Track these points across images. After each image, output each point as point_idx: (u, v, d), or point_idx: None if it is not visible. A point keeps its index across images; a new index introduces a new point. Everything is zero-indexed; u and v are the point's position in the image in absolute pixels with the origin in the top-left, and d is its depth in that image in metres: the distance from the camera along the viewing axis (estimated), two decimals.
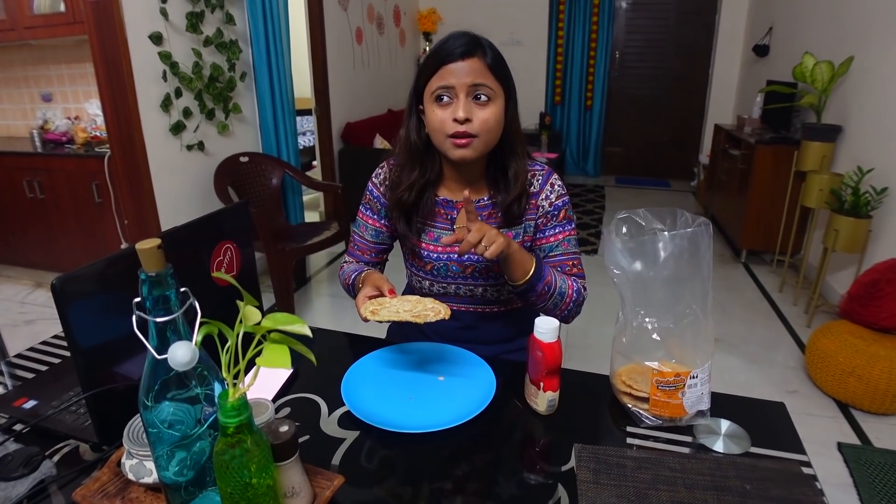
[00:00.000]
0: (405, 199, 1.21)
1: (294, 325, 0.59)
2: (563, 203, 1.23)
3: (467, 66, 1.07)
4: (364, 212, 1.32)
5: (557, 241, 1.23)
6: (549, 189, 1.23)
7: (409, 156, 1.21)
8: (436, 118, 1.10)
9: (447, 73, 1.07)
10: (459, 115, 1.06)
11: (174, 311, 0.61)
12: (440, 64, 1.08)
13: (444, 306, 1.00)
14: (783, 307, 3.30)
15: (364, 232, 1.33)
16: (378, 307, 0.99)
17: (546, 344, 0.89)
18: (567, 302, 1.17)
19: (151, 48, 2.76)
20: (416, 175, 1.20)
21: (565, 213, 1.24)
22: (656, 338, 0.88)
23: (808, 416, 2.33)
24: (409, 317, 0.94)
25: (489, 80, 1.08)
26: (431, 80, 1.10)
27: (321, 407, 0.98)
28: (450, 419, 0.91)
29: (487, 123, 1.09)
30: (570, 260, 1.23)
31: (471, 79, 1.07)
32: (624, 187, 6.32)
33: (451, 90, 1.08)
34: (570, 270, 1.23)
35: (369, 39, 5.16)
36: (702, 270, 0.84)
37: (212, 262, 1.05)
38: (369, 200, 1.31)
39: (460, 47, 1.07)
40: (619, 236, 0.93)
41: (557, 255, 1.23)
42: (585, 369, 1.08)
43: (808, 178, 3.17)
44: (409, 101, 1.19)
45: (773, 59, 4.71)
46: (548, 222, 1.23)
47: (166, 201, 2.97)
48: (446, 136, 1.10)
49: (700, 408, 0.90)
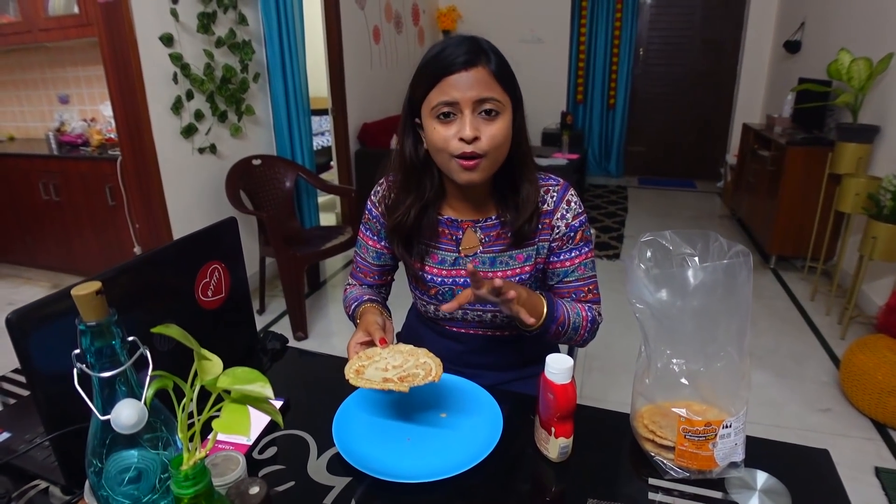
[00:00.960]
0: (404, 222, 1.11)
1: (254, 384, 0.50)
2: (580, 223, 1.13)
3: (471, 76, 0.95)
4: (364, 232, 1.23)
5: (574, 265, 1.13)
6: (564, 207, 1.12)
7: (406, 175, 1.10)
8: (438, 137, 0.99)
9: (448, 87, 0.96)
10: (466, 133, 0.95)
11: (122, 362, 0.53)
12: (440, 75, 0.96)
13: (437, 362, 0.91)
14: (815, 317, 3.14)
15: (365, 254, 1.24)
16: (365, 363, 0.91)
17: (559, 386, 0.79)
18: (582, 333, 1.10)
19: (162, 50, 2.71)
20: (413, 197, 1.10)
21: (582, 235, 1.14)
22: (684, 382, 0.77)
23: (841, 437, 2.20)
24: (394, 382, 0.85)
25: (496, 92, 0.97)
26: (430, 93, 0.98)
27: (310, 447, 0.90)
28: (450, 466, 0.82)
29: (496, 140, 0.98)
30: (585, 285, 1.14)
31: (476, 92, 0.95)
32: (647, 188, 6.16)
33: (455, 105, 0.96)
34: (586, 297, 1.14)
35: (387, 38, 5.07)
36: (739, 307, 0.74)
37: (196, 285, 0.97)
38: (368, 220, 1.22)
39: (462, 56, 0.95)
40: (643, 261, 0.82)
41: (572, 281, 1.14)
42: (602, 385, 0.98)
43: (844, 182, 3.01)
44: (404, 115, 1.08)
45: (805, 55, 4.52)
46: (563, 245, 1.13)
47: (178, 205, 2.93)
48: (451, 156, 0.99)
49: (733, 459, 0.80)
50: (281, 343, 1.18)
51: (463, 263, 1.14)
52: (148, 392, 0.52)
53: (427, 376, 0.87)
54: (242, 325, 1.13)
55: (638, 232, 4.64)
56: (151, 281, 0.89)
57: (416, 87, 1.02)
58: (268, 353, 1.16)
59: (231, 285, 1.05)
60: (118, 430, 0.51)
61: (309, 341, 2.97)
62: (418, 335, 1.31)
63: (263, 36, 3.26)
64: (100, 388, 0.53)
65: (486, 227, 1.14)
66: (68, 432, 0.77)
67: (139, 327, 0.87)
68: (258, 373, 0.51)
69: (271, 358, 1.15)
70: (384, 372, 0.88)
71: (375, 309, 1.12)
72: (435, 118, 0.98)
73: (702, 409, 0.80)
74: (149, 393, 0.52)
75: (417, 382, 0.85)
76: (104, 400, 0.53)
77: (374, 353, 0.94)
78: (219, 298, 1.02)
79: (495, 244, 1.13)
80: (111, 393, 0.53)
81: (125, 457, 0.58)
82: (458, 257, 1.15)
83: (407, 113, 1.06)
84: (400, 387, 0.83)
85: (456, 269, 1.15)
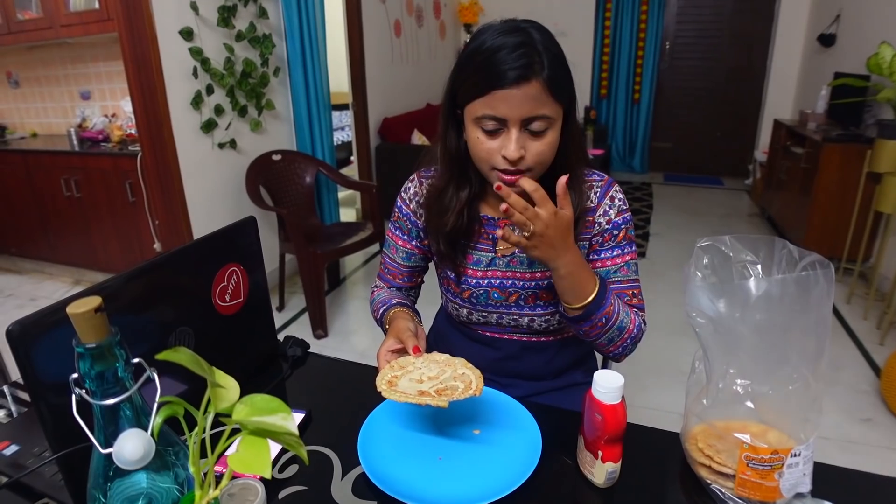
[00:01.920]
0: (458, 225, 1.04)
1: (275, 416, 0.44)
2: (625, 221, 1.05)
3: (522, 94, 0.86)
4: (394, 231, 1.16)
5: (616, 265, 1.05)
6: (608, 203, 1.05)
7: (451, 173, 1.03)
8: (481, 147, 0.92)
9: (497, 101, 0.87)
10: (511, 154, 0.88)
11: (126, 387, 0.47)
12: (489, 87, 0.87)
13: (476, 374, 0.84)
14: (851, 321, 3.01)
15: (395, 254, 1.17)
16: (398, 373, 0.84)
17: (608, 406, 0.72)
18: (625, 338, 0.99)
19: (182, 44, 2.67)
20: (466, 193, 1.03)
21: (626, 234, 1.05)
22: (750, 405, 0.69)
23: (886, 449, 2.09)
24: (432, 396, 0.77)
25: (547, 107, 0.88)
26: (476, 101, 0.90)
27: (335, 465, 0.84)
28: (485, 492, 0.75)
29: (543, 156, 0.92)
30: (630, 289, 1.05)
31: (525, 110, 0.87)
32: (673, 185, 6.02)
33: (502, 122, 0.89)
34: (630, 301, 1.04)
35: (408, 32, 5.00)
36: (817, 326, 0.65)
37: (214, 289, 0.91)
38: (398, 219, 1.15)
39: (516, 68, 0.86)
40: (699, 269, 0.75)
41: (616, 282, 1.05)
42: (630, 389, 0.90)
43: (885, 181, 2.87)
44: (446, 105, 0.99)
45: (840, 49, 4.36)
46: (605, 242, 1.05)
47: (197, 201, 2.89)
48: (492, 167, 0.93)
49: (800, 490, 0.72)
50: (303, 349, 1.12)
51: (500, 264, 1.08)
52: (155, 421, 0.46)
53: (467, 390, 0.79)
54: (262, 331, 1.08)
55: (665, 230, 4.52)
56: (164, 286, 0.84)
57: (459, 84, 0.93)
58: (288, 360, 1.10)
59: (250, 289, 0.99)
60: (121, 466, 0.45)
61: (328, 339, 2.92)
62: (447, 339, 1.24)
63: (284, 30, 3.21)
64: (101, 416, 0.47)
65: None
66: (73, 451, 0.71)
67: (151, 338, 0.82)
68: (279, 402, 0.45)
69: (292, 365, 1.09)
70: (419, 384, 0.81)
71: (406, 314, 1.05)
72: (479, 128, 0.91)
73: (761, 431, 0.72)
74: (156, 422, 0.46)
75: (457, 396, 0.78)
76: (107, 429, 0.47)
77: (406, 362, 0.87)
78: (237, 303, 0.96)
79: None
80: (114, 421, 0.47)
81: (133, 482, 0.53)
82: (495, 258, 1.08)
83: (449, 104, 0.98)
84: (438, 401, 0.76)
85: (492, 269, 1.08)
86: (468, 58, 0.91)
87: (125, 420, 0.48)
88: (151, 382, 0.48)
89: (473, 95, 0.90)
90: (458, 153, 1.00)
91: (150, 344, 0.82)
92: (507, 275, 1.08)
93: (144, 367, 0.48)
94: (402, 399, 0.76)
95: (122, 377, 0.46)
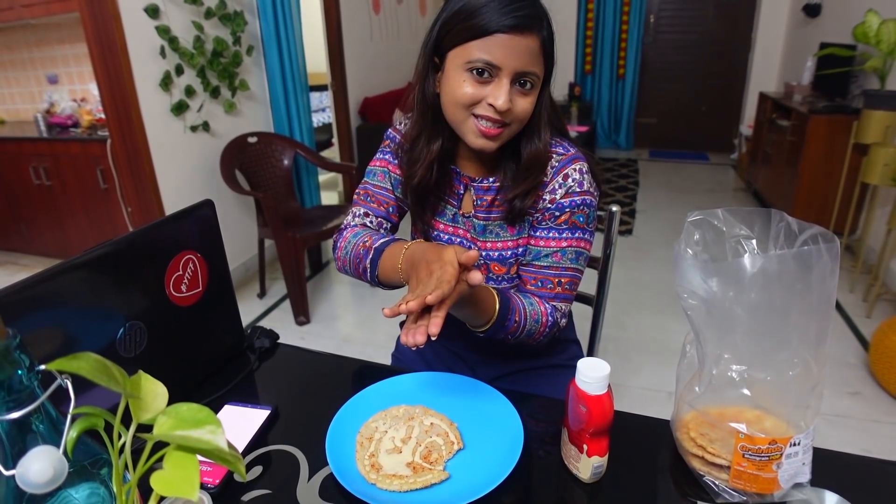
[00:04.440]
0: (428, 179, 0.97)
1: (202, 429, 0.37)
2: (572, 205, 0.95)
3: (521, 44, 0.83)
4: (383, 156, 1.07)
5: (550, 248, 0.97)
6: (559, 181, 0.96)
7: (424, 121, 0.97)
8: (465, 94, 0.86)
9: (495, 46, 0.83)
10: (500, 104, 0.84)
11: (37, 396, 0.40)
12: (487, 31, 0.83)
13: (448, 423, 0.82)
14: (838, 294, 2.98)
15: (383, 180, 1.06)
16: (371, 450, 0.77)
17: (593, 397, 0.66)
18: (536, 337, 0.96)
19: (148, 22, 2.55)
20: (438, 145, 0.96)
21: (569, 218, 0.96)
22: (746, 392, 0.64)
23: (873, 422, 2.08)
24: (431, 472, 0.73)
25: (538, 66, 0.87)
26: (470, 44, 0.84)
27: (301, 466, 0.78)
28: (462, 492, 0.69)
29: (525, 114, 0.89)
30: (556, 276, 0.97)
31: (521, 63, 0.84)
32: (658, 161, 5.97)
33: (495, 69, 0.84)
34: (552, 289, 0.97)
35: (387, 8, 4.87)
36: (819, 306, 0.60)
37: (167, 279, 0.84)
38: (388, 146, 1.08)
39: (521, 17, 0.82)
40: (691, 245, 0.69)
41: (543, 267, 0.97)
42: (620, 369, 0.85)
43: (871, 152, 2.83)
44: (427, 50, 0.93)
45: (825, 19, 4.30)
46: (543, 220, 0.98)
47: (171, 186, 2.79)
48: (471, 113, 0.88)
49: (799, 480, 0.67)
50: (271, 340, 1.06)
51: (461, 222, 1.03)
52: (69, 436, 0.40)
53: (450, 445, 0.78)
54: (226, 322, 1.01)
55: (651, 206, 4.48)
56: (110, 278, 0.77)
57: (451, 25, 0.87)
58: (256, 352, 1.03)
59: (209, 278, 0.92)
60: (26, 490, 0.38)
61: (312, 325, 2.85)
62: None
63: (256, 6, 3.09)
64: (6, 433, 0.40)
65: (480, 188, 1.01)
66: None
67: (97, 336, 0.75)
68: (208, 412, 0.39)
69: (259, 357, 1.03)
70: (398, 454, 0.76)
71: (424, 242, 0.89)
72: (467, 71, 0.86)
73: (756, 417, 0.67)
74: (69, 437, 0.40)
75: (447, 457, 0.76)
76: (14, 448, 0.40)
77: (369, 431, 0.81)
78: (195, 293, 0.90)
79: (488, 211, 1.01)
80: (22, 437, 0.40)
81: (67, 498, 0.46)
82: (457, 214, 1.03)
83: (431, 48, 0.92)
84: (440, 476, 0.72)
85: (454, 226, 1.04)
86: (468, 5, 0.85)
87: (38, 437, 0.41)
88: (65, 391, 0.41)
89: (471, 36, 0.84)
90: (435, 102, 0.95)
91: (97, 342, 0.75)
92: (468, 236, 1.03)
93: (54, 375, 0.41)
94: (406, 487, 0.71)
95: (27, 387, 0.40)
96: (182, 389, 0.93)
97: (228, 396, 0.93)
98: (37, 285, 0.68)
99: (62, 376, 0.41)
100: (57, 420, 0.42)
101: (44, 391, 0.40)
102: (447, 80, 0.90)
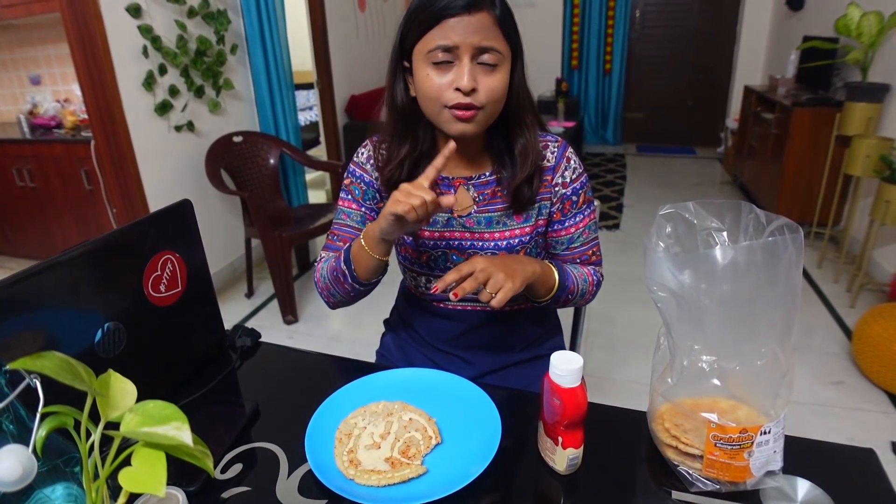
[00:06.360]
0: (396, 177, 1.00)
1: (168, 425, 0.38)
2: (583, 184, 1.06)
3: (474, 21, 0.86)
4: (344, 197, 1.09)
5: (579, 230, 1.07)
6: (564, 165, 1.04)
7: (396, 126, 1.00)
8: (431, 85, 0.89)
9: (448, 30, 0.86)
10: (464, 84, 0.86)
11: (5, 395, 0.41)
12: (439, 17, 0.86)
13: (426, 417, 0.83)
14: (823, 285, 3.03)
15: (347, 219, 1.08)
16: (350, 445, 0.78)
17: (566, 390, 0.67)
18: (587, 297, 1.09)
19: (130, 22, 2.53)
20: (408, 148, 1.00)
21: (584, 196, 1.07)
22: (716, 383, 0.65)
23: (856, 410, 2.10)
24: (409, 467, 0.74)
25: (498, 41, 0.88)
26: (426, 35, 0.88)
27: (280, 463, 0.78)
28: (439, 485, 0.70)
29: (495, 93, 0.90)
30: (590, 248, 1.10)
31: (478, 38, 0.86)
32: (646, 155, 6.00)
33: (453, 51, 0.87)
34: (590, 259, 1.10)
35: (373, 5, 4.86)
36: (785, 295, 0.61)
37: (146, 279, 0.84)
38: (351, 183, 1.09)
39: None
40: (662, 238, 0.70)
41: (578, 247, 1.08)
42: (606, 363, 0.87)
43: (853, 143, 2.87)
44: (393, 60, 0.97)
45: (808, 12, 4.34)
46: (567, 209, 1.05)
47: (156, 187, 2.77)
48: (444, 106, 0.89)
49: (770, 468, 0.68)
50: (253, 339, 1.06)
51: (457, 225, 1.04)
52: (38, 434, 0.40)
53: (428, 440, 0.78)
54: (206, 322, 1.01)
55: (638, 201, 4.51)
56: (88, 279, 0.77)
57: (409, 27, 0.91)
58: (237, 351, 1.04)
59: (188, 278, 0.92)
60: None
61: (300, 325, 2.85)
62: (408, 319, 1.20)
63: (240, 4, 3.07)
64: None
65: (479, 184, 1.03)
66: None
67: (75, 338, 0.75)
68: (174, 408, 0.39)
69: (241, 356, 1.03)
70: (377, 449, 0.77)
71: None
72: (429, 64, 0.89)
73: (730, 407, 0.68)
74: (39, 436, 0.40)
75: (425, 451, 0.77)
76: None
77: (348, 427, 0.81)
78: (174, 293, 0.90)
79: (491, 203, 1.03)
80: None
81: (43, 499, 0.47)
82: (451, 218, 1.04)
83: (397, 55, 0.96)
84: (418, 470, 0.73)
85: (449, 230, 1.04)
86: (418, 4, 0.89)
87: (8, 436, 0.42)
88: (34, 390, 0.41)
89: (423, 30, 0.88)
90: (405, 107, 0.98)
91: (76, 344, 0.75)
92: (466, 235, 1.04)
93: (22, 375, 0.41)
94: (384, 482, 0.71)
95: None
96: (163, 389, 0.93)
97: (210, 395, 0.93)
98: (13, 286, 0.68)
99: (31, 376, 0.41)
100: (27, 419, 0.42)
101: (12, 391, 0.41)
102: (416, 79, 0.92)
